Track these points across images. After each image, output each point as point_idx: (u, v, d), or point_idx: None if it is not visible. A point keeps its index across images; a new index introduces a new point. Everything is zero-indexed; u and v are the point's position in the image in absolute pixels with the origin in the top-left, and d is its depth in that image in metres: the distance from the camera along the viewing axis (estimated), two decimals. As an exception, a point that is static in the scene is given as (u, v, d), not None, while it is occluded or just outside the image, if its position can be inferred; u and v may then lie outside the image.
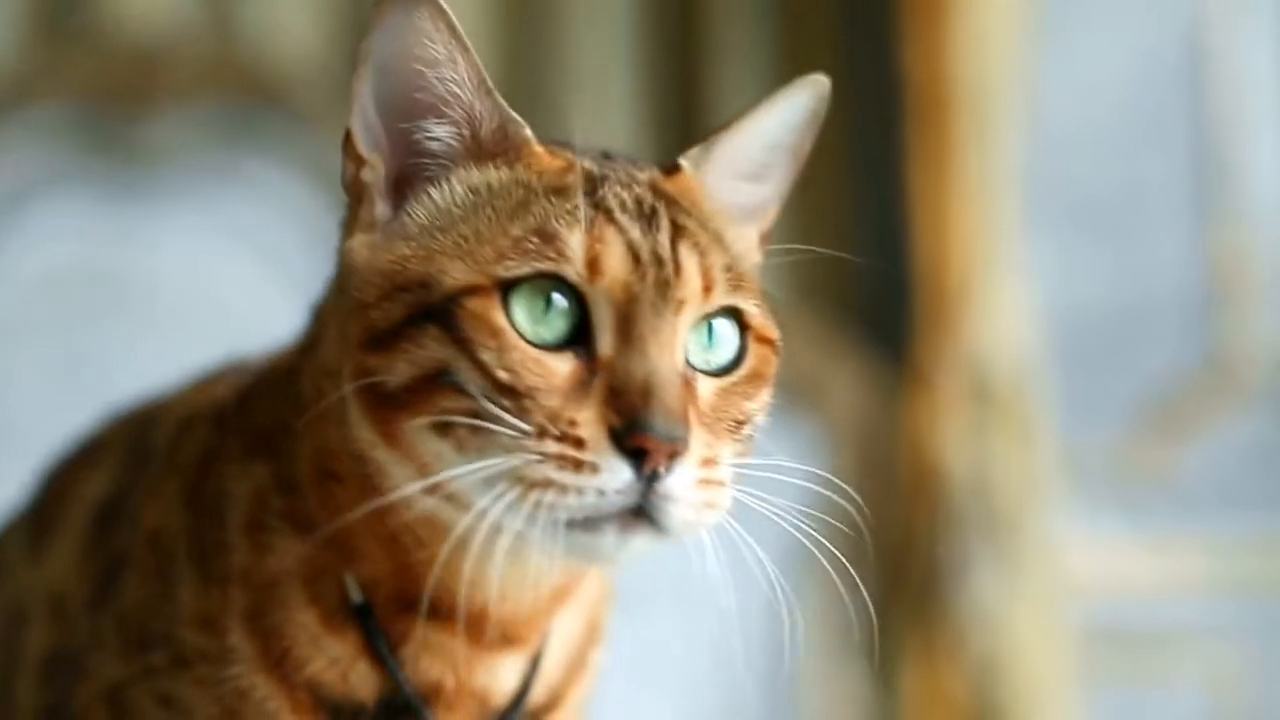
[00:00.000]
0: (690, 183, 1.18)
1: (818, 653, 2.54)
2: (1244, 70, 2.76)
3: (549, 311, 1.07)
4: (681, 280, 1.08)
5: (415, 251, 1.10)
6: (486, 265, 1.07)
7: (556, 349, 1.07)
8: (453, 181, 1.13)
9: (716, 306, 1.11)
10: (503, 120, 1.14)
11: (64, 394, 2.31)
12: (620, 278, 1.07)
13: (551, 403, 1.04)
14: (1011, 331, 2.57)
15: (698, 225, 1.13)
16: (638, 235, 1.08)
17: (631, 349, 1.06)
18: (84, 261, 2.41)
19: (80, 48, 2.52)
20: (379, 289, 1.10)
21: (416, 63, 1.11)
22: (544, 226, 1.08)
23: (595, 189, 1.11)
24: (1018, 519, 2.54)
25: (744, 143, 1.21)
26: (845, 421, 2.58)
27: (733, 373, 1.13)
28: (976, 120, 2.57)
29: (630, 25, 2.66)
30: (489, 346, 1.05)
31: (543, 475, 1.03)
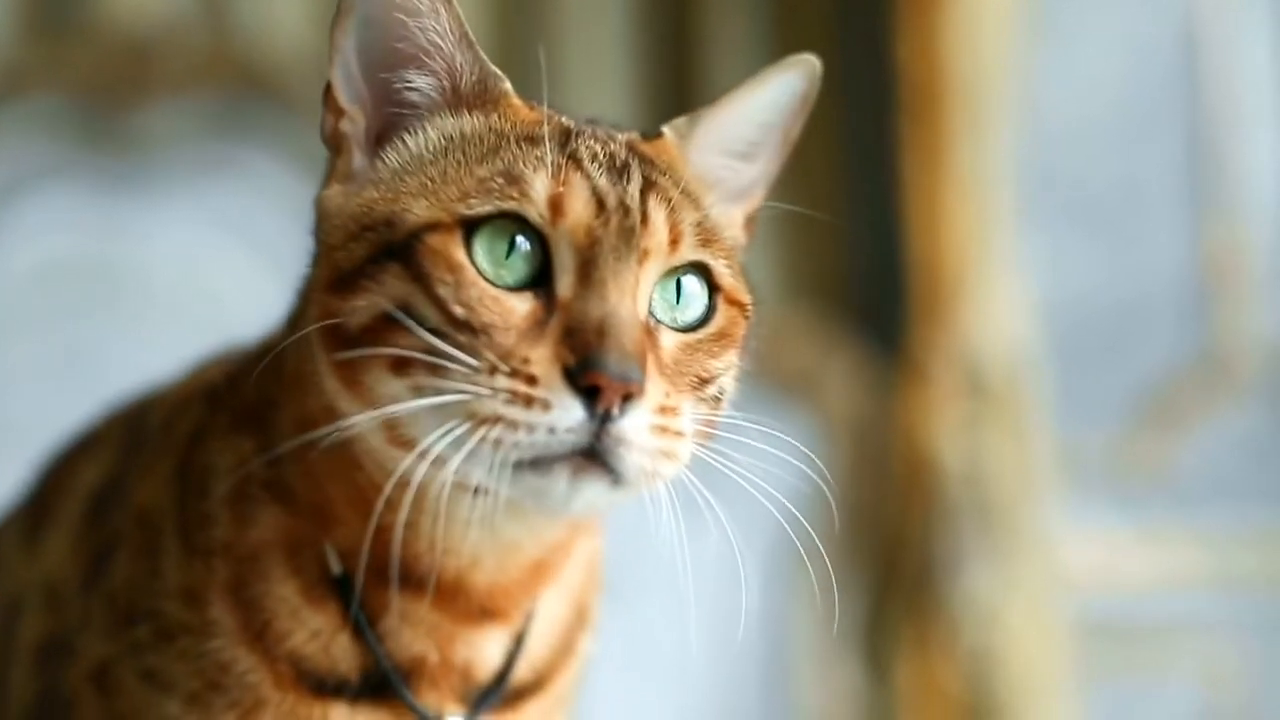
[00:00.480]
0: (670, 148, 1.18)
1: (813, 645, 2.54)
2: (1240, 65, 2.76)
3: (511, 254, 1.07)
4: (648, 230, 1.09)
5: (383, 194, 1.11)
6: (450, 203, 1.07)
7: (516, 290, 1.07)
8: (428, 129, 1.13)
9: (684, 261, 1.11)
10: (483, 73, 1.14)
11: (58, 385, 2.30)
12: (583, 221, 1.07)
13: (506, 340, 1.04)
14: (1006, 326, 2.57)
15: (671, 183, 1.13)
16: (604, 183, 1.09)
17: (590, 290, 1.06)
18: (78, 253, 2.41)
19: (74, 40, 2.52)
20: (346, 231, 1.10)
21: (399, 12, 1.12)
22: (510, 169, 1.08)
23: (568, 140, 1.12)
24: (1012, 512, 2.54)
25: (732, 119, 1.20)
26: (840, 415, 2.58)
27: (699, 330, 1.14)
28: (971, 114, 2.57)
29: (625, 16, 2.66)
30: (446, 281, 1.06)
31: (492, 410, 1.02)
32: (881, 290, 2.66)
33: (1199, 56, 2.76)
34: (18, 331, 2.38)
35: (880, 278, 2.66)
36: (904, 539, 2.57)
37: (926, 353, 2.56)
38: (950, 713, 2.52)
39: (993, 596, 2.52)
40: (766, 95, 1.20)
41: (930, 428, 2.55)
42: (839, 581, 2.57)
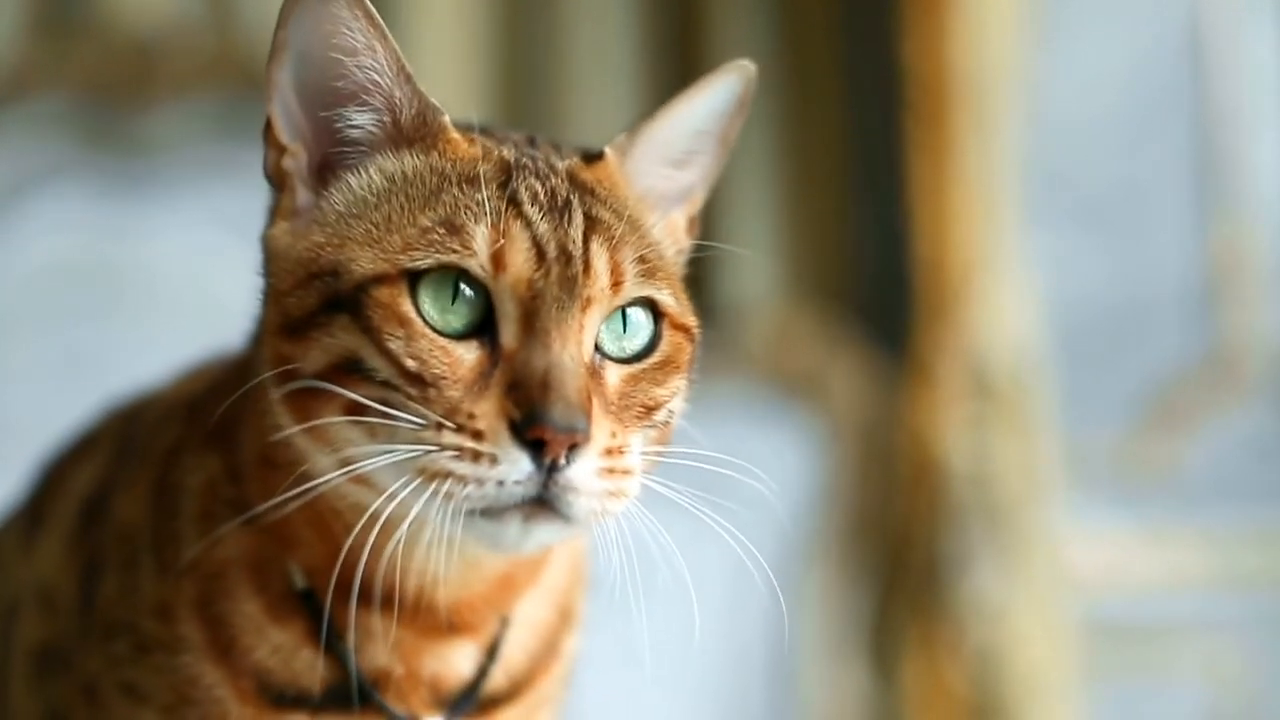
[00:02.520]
0: (612, 171, 1.17)
1: (819, 645, 2.54)
2: (1245, 65, 2.76)
3: (456, 300, 1.08)
4: (590, 277, 1.09)
5: (329, 239, 1.10)
6: (394, 255, 1.07)
7: (463, 337, 1.08)
8: (370, 169, 1.13)
9: (627, 300, 1.12)
10: (421, 107, 1.13)
11: (62, 385, 2.30)
12: (524, 274, 1.08)
13: (454, 394, 1.06)
14: (1012, 325, 2.57)
15: (613, 216, 1.13)
16: (545, 229, 1.09)
17: (534, 342, 1.07)
18: (82, 253, 2.41)
19: (79, 41, 2.52)
20: (294, 276, 1.10)
21: (335, 51, 1.11)
22: (452, 218, 1.08)
23: (508, 179, 1.11)
24: (1018, 512, 2.53)
25: (669, 129, 1.20)
26: (846, 415, 2.58)
27: (644, 359, 1.14)
28: (977, 114, 2.56)
29: (630, 15, 2.66)
30: (396, 335, 1.06)
31: (442, 466, 1.04)
32: (887, 290, 2.66)
33: (1204, 56, 2.76)
34: (21, 332, 2.38)
35: (886, 278, 2.66)
36: (910, 539, 2.57)
37: (932, 353, 2.56)
38: (956, 712, 2.52)
39: (999, 596, 2.52)
40: (703, 103, 1.21)
41: (936, 428, 2.55)
42: (845, 581, 2.57)
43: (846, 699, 2.53)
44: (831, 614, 2.55)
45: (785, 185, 2.68)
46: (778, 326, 2.62)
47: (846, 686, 2.54)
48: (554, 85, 2.65)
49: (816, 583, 2.56)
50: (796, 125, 2.69)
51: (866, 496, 2.58)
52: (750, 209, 2.65)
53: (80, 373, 2.31)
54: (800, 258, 2.69)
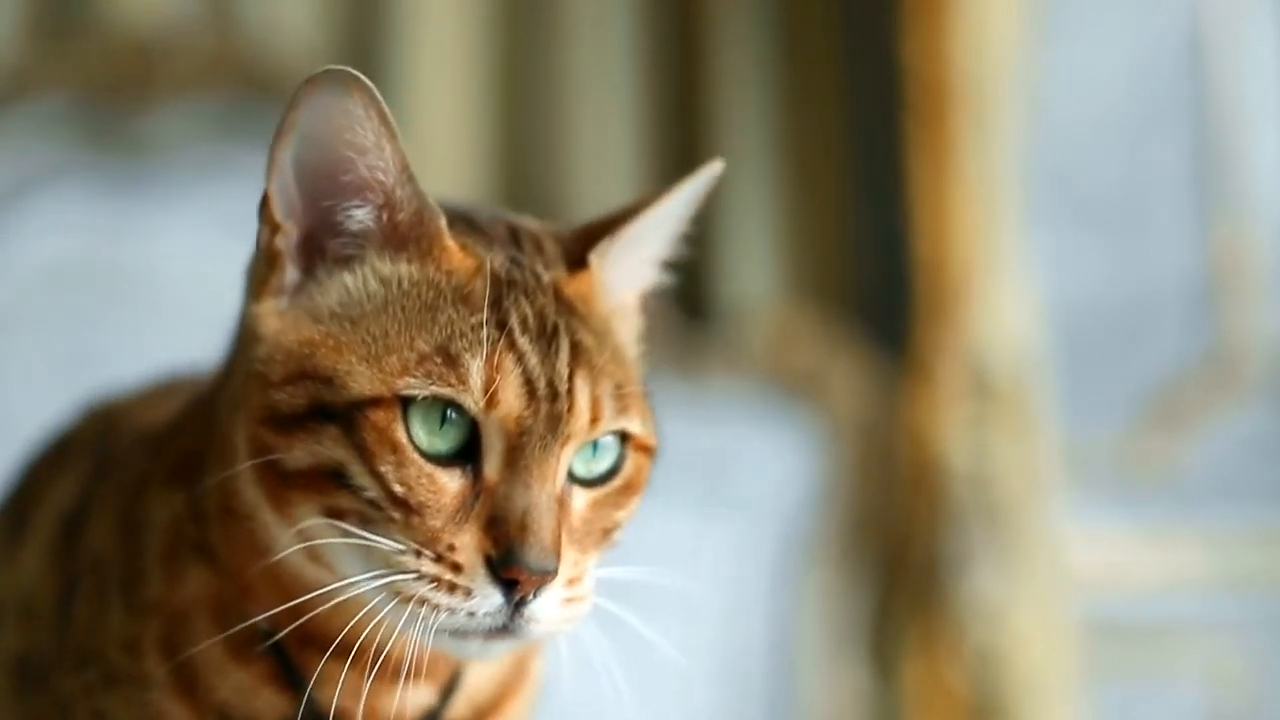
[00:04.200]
0: (594, 284, 1.18)
1: (819, 645, 2.54)
2: (1245, 64, 2.76)
3: (445, 425, 1.09)
4: (573, 415, 1.11)
5: (324, 339, 1.11)
6: (391, 378, 1.08)
7: (448, 462, 1.09)
8: (366, 269, 1.13)
9: (603, 433, 1.13)
10: (420, 208, 1.13)
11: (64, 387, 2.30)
12: (514, 411, 1.09)
13: (435, 522, 1.08)
14: (1012, 325, 2.57)
15: (595, 340, 1.14)
16: (535, 363, 1.10)
17: (516, 479, 1.09)
18: (84, 254, 2.41)
19: (80, 41, 2.52)
20: (284, 369, 1.11)
21: (344, 147, 1.11)
22: (448, 346, 1.09)
23: (501, 299, 1.12)
24: (1018, 513, 2.53)
25: (647, 228, 1.20)
26: (846, 415, 2.58)
27: (608, 482, 1.15)
28: (977, 114, 2.57)
29: (630, 16, 2.66)
30: (388, 460, 1.08)
31: (418, 593, 1.07)
32: (887, 291, 2.66)
33: (1205, 56, 2.76)
34: (21, 332, 2.38)
35: (886, 278, 2.66)
36: (910, 539, 2.57)
37: (932, 353, 2.56)
38: (956, 712, 2.52)
39: (999, 596, 2.52)
40: (679, 203, 1.21)
41: (936, 428, 2.55)
42: (845, 581, 2.57)
43: (846, 699, 2.54)
44: (831, 614, 2.55)
45: (785, 185, 2.68)
46: (778, 326, 2.62)
47: (846, 686, 2.54)
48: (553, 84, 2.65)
49: (816, 583, 2.56)
50: (796, 125, 2.69)
51: (866, 496, 2.58)
52: (750, 209, 2.65)
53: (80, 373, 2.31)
54: (800, 258, 2.69)
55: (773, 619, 2.53)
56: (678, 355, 2.55)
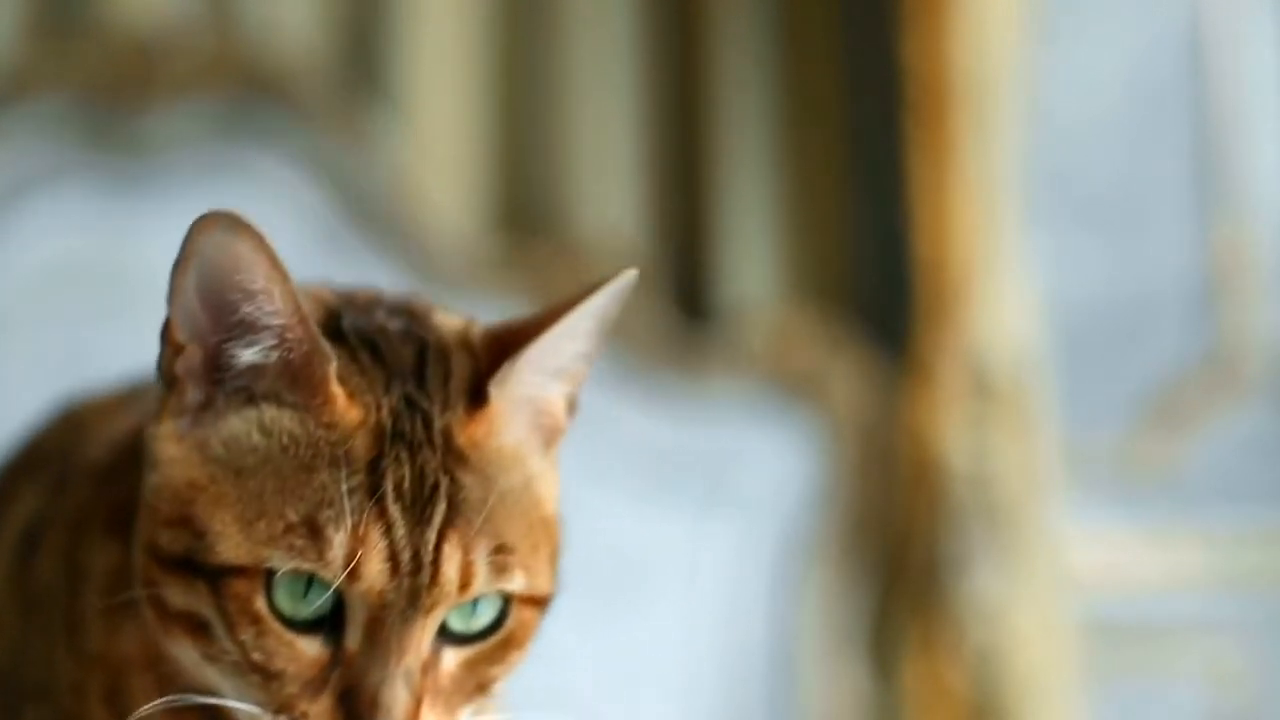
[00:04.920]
0: (492, 423, 1.15)
1: (819, 645, 2.54)
2: (1246, 64, 2.76)
3: (310, 592, 1.09)
4: (437, 584, 1.09)
5: (208, 485, 1.10)
6: (257, 548, 1.08)
7: (310, 629, 1.09)
8: (253, 415, 1.12)
9: (473, 598, 1.12)
10: (310, 351, 1.11)
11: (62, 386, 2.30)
12: (375, 586, 1.08)
13: (292, 689, 1.09)
14: (1012, 325, 2.57)
15: (480, 490, 1.12)
16: (403, 534, 1.08)
17: (374, 651, 1.08)
18: (83, 255, 2.41)
19: (79, 41, 2.52)
20: (169, 509, 1.11)
21: (234, 289, 1.11)
22: (315, 517, 1.08)
23: (381, 457, 1.10)
24: (1018, 513, 2.53)
25: (552, 345, 1.16)
26: (845, 415, 2.58)
27: (486, 639, 1.14)
28: (977, 114, 2.56)
29: (630, 14, 2.66)
30: (248, 630, 1.08)
31: None
32: (887, 290, 2.66)
33: (1205, 56, 2.76)
34: (21, 332, 2.38)
35: (886, 278, 2.66)
36: (910, 539, 2.57)
37: (932, 353, 2.56)
38: (956, 712, 2.52)
39: (999, 596, 2.52)
40: (588, 313, 1.17)
41: (936, 428, 2.55)
42: (845, 581, 2.57)
43: (846, 699, 2.54)
44: (831, 614, 2.55)
45: (785, 185, 2.68)
46: (778, 326, 2.62)
47: (846, 686, 2.54)
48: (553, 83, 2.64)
49: (816, 583, 2.56)
50: (796, 125, 2.69)
51: (866, 496, 2.58)
52: (750, 209, 2.65)
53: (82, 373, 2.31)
54: (800, 258, 2.69)
55: (773, 619, 2.53)
56: (678, 355, 2.55)
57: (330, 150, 2.50)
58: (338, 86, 2.56)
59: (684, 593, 2.51)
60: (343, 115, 2.53)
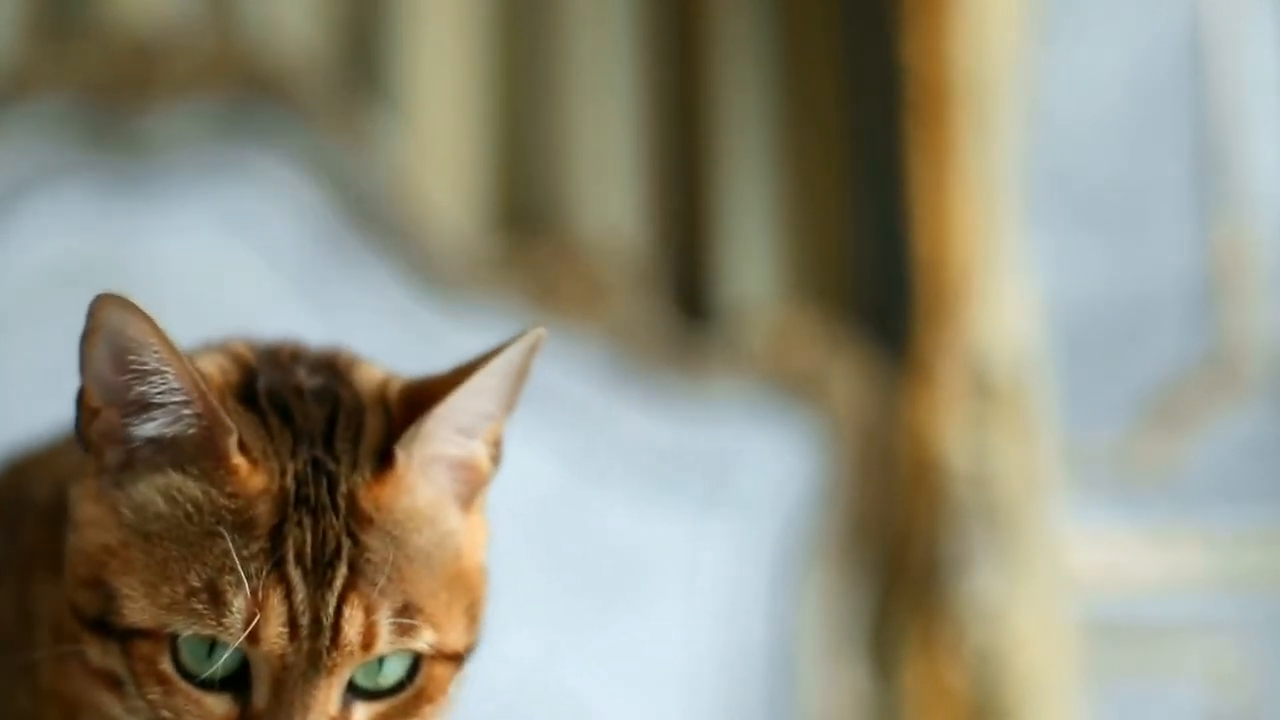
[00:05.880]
0: (399, 482, 1.17)
1: (819, 646, 2.54)
2: (1246, 64, 2.76)
3: (213, 653, 1.12)
4: (337, 646, 1.11)
5: (119, 550, 1.14)
6: (161, 613, 1.11)
7: (218, 688, 1.12)
8: (162, 481, 1.15)
9: (376, 657, 1.14)
10: (210, 424, 1.14)
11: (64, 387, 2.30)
12: (275, 649, 1.11)
13: None
14: (1012, 325, 2.57)
15: (383, 557, 1.14)
16: (302, 597, 1.11)
17: (280, 710, 1.11)
18: (83, 255, 2.41)
19: (79, 40, 2.52)
20: (85, 571, 1.14)
21: (129, 368, 1.14)
22: (216, 581, 1.11)
23: (283, 522, 1.13)
24: (1018, 513, 2.53)
25: (460, 405, 1.18)
26: (845, 415, 2.58)
27: (399, 693, 1.16)
28: (977, 113, 2.56)
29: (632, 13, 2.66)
30: (155, 689, 1.12)
31: None
32: (887, 290, 2.66)
33: (1205, 55, 2.76)
34: (21, 332, 2.38)
35: (886, 278, 2.66)
36: (910, 539, 2.57)
37: (933, 353, 2.56)
38: (956, 713, 2.52)
39: (999, 596, 2.52)
40: (492, 373, 1.18)
41: (936, 428, 2.55)
42: (845, 581, 2.57)
43: (846, 699, 2.54)
44: (831, 614, 2.55)
45: (785, 185, 2.68)
46: (778, 326, 2.62)
47: (846, 686, 2.54)
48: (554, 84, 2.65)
49: (816, 583, 2.56)
50: (796, 125, 2.69)
51: (866, 496, 2.58)
52: (750, 209, 2.65)
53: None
54: (800, 258, 2.69)
55: (773, 619, 2.53)
56: (678, 355, 2.55)
57: (330, 150, 2.50)
58: (338, 86, 2.56)
59: (684, 593, 2.51)
60: (343, 115, 2.53)
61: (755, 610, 2.53)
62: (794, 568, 2.55)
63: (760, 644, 2.53)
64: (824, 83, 2.71)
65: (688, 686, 2.49)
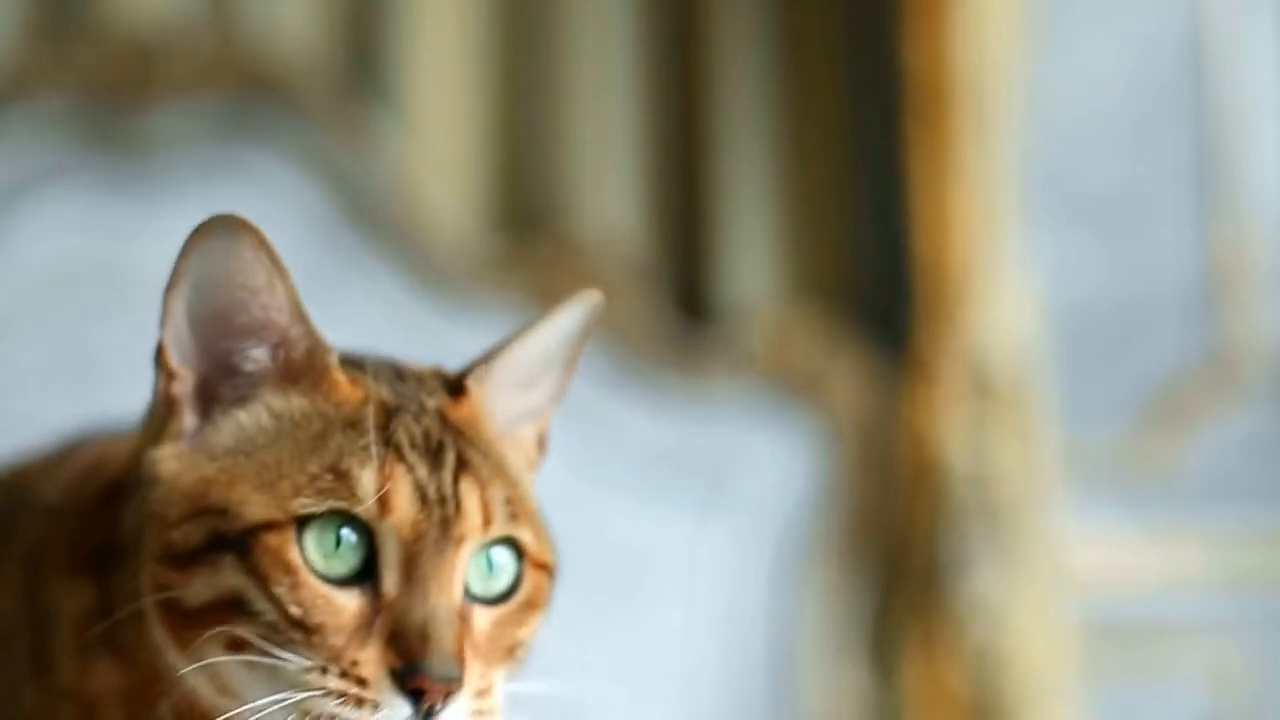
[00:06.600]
0: (475, 408, 1.22)
1: (819, 646, 2.54)
2: (1246, 63, 2.76)
3: (340, 546, 1.12)
4: (462, 516, 1.14)
5: (218, 475, 1.14)
6: (284, 500, 1.12)
7: (345, 584, 1.12)
8: (259, 405, 1.17)
9: (494, 538, 1.16)
10: (311, 345, 1.17)
11: (64, 387, 2.30)
12: (407, 516, 1.13)
13: (336, 641, 1.11)
14: (1012, 325, 2.57)
15: (481, 457, 1.18)
16: (424, 473, 1.14)
17: (414, 589, 1.12)
18: (84, 255, 2.41)
19: (80, 40, 2.52)
20: (180, 509, 1.14)
21: (238, 289, 1.15)
22: (338, 463, 1.13)
23: (388, 422, 1.16)
24: (1019, 513, 2.53)
25: (522, 353, 1.24)
26: (846, 415, 2.58)
27: (509, 600, 1.18)
28: (977, 113, 2.57)
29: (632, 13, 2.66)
30: (282, 582, 1.11)
31: (325, 709, 1.10)
32: (887, 290, 2.66)
33: (1205, 56, 2.76)
34: (21, 332, 2.38)
35: (886, 278, 2.66)
36: (910, 539, 2.57)
37: (933, 353, 2.56)
38: (956, 713, 2.52)
39: (999, 596, 2.52)
40: (554, 330, 1.25)
41: (936, 428, 2.55)
42: (845, 581, 2.57)
43: (846, 699, 2.54)
44: (831, 614, 2.55)
45: (785, 185, 2.68)
46: (778, 326, 2.62)
47: (846, 686, 2.54)
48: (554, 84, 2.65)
49: (816, 583, 2.56)
50: (796, 125, 2.69)
51: (867, 497, 2.58)
52: (750, 209, 2.65)
53: (81, 374, 2.31)
54: (800, 258, 2.69)
55: (773, 619, 2.53)
56: (678, 355, 2.55)
57: (330, 150, 2.50)
58: (338, 86, 2.56)
59: (684, 592, 2.51)
60: (343, 115, 2.53)
61: (755, 610, 2.53)
62: (794, 568, 2.55)
63: (760, 644, 2.53)
64: (824, 83, 2.71)
65: (688, 686, 2.49)
